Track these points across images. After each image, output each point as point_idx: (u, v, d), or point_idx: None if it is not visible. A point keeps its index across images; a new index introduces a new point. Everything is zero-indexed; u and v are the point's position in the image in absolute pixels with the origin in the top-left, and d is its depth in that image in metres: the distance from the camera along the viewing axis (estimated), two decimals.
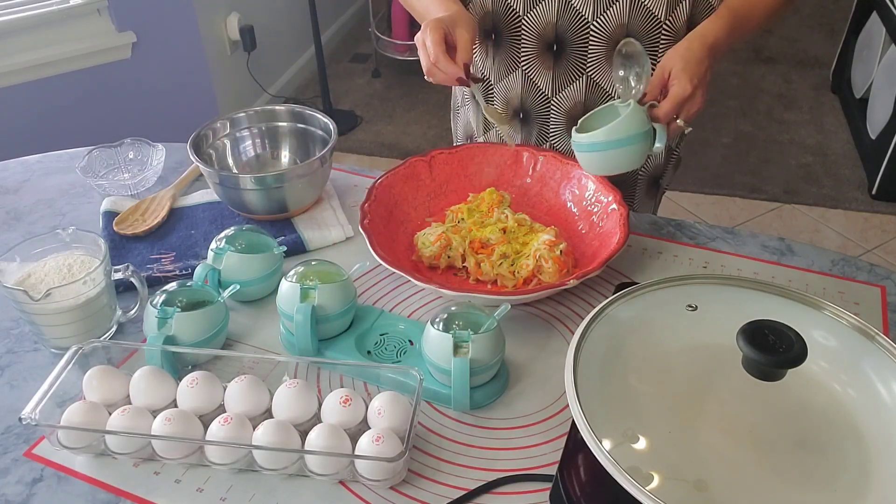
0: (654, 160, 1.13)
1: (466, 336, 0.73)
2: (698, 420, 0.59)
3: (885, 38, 2.62)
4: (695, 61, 0.89)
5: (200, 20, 2.48)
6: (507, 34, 1.03)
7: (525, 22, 1.01)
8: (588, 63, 1.02)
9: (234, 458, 0.68)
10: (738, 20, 0.93)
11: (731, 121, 2.96)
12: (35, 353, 0.84)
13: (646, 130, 0.89)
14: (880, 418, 0.57)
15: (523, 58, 1.04)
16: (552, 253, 0.86)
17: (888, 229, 2.41)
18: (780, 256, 0.95)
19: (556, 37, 1.01)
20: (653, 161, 1.13)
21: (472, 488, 0.68)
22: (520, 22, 1.01)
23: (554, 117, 1.09)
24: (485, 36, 1.05)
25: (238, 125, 1.09)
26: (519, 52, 1.04)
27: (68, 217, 1.06)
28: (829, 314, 0.65)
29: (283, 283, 0.81)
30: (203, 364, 0.80)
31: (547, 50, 1.03)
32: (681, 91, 0.88)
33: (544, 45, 1.02)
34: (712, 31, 0.91)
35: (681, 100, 0.88)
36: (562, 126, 1.09)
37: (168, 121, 2.44)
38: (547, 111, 1.09)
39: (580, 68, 1.03)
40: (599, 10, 0.97)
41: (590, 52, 1.01)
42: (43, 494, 0.68)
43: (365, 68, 3.38)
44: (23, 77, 2.18)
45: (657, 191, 1.19)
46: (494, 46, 1.06)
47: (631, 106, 0.88)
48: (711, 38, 0.91)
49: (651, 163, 1.13)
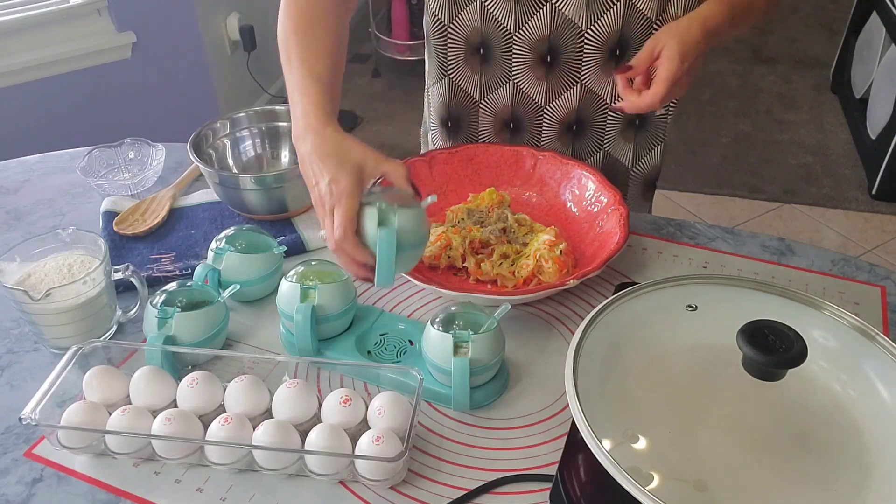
0: (651, 161, 1.12)
1: (466, 336, 0.73)
2: (698, 420, 0.59)
3: (885, 38, 2.62)
4: (692, 43, 0.83)
5: (200, 20, 2.47)
6: (497, 50, 0.99)
7: (516, 38, 0.97)
8: (583, 71, 0.99)
9: (234, 458, 0.68)
10: (739, 10, 0.89)
11: (731, 121, 2.95)
12: (35, 353, 0.84)
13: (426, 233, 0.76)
14: (880, 418, 0.57)
15: (515, 71, 1.01)
16: (552, 253, 0.86)
17: (888, 229, 2.41)
18: (780, 256, 0.95)
19: (550, 48, 0.98)
20: (648, 162, 1.13)
21: (472, 488, 0.68)
22: (510, 38, 0.97)
23: (546, 126, 1.06)
24: (472, 51, 1.01)
25: (238, 125, 1.09)
26: (510, 66, 1.00)
27: (68, 217, 1.06)
28: (829, 314, 0.65)
29: (283, 282, 0.81)
30: (203, 364, 0.80)
31: (540, 62, 0.99)
32: (673, 71, 0.82)
33: (537, 57, 0.99)
34: (714, 16, 0.86)
35: (674, 80, 0.82)
36: (554, 133, 1.06)
37: (168, 121, 2.44)
38: (539, 120, 1.06)
39: (574, 77, 1.00)
40: (593, 17, 0.94)
41: (584, 60, 0.98)
42: (43, 494, 0.68)
43: (365, 68, 3.38)
44: (23, 77, 2.18)
45: (653, 193, 1.18)
46: (482, 62, 1.01)
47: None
48: (712, 24, 0.85)
49: (647, 163, 1.12)
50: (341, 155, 0.72)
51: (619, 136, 1.07)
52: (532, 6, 0.94)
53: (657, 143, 1.11)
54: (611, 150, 1.09)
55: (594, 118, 1.05)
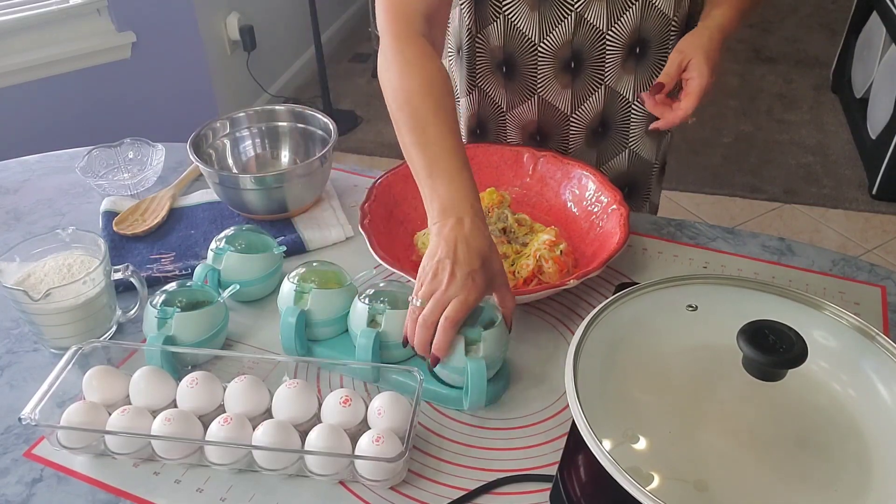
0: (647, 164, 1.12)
1: (477, 334, 0.72)
2: (698, 420, 0.59)
3: (885, 38, 2.62)
4: (715, 51, 0.88)
5: (200, 20, 2.48)
6: (521, 63, 0.99)
7: (541, 49, 0.97)
8: (606, 73, 1.00)
9: (234, 459, 0.68)
10: (747, 10, 0.93)
11: (731, 121, 2.95)
12: (35, 353, 0.84)
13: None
14: (880, 418, 0.57)
15: (540, 83, 1.01)
16: (552, 253, 0.86)
17: (888, 229, 2.41)
18: (780, 256, 0.95)
19: (573, 55, 0.98)
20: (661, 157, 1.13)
21: (472, 488, 0.68)
22: (535, 49, 0.97)
23: (574, 132, 1.06)
24: (495, 68, 1.01)
25: (238, 125, 1.09)
26: (536, 78, 1.00)
27: (68, 217, 1.06)
28: (829, 314, 0.65)
29: (284, 282, 0.81)
30: (203, 364, 0.80)
31: (564, 69, 0.99)
32: (704, 83, 0.88)
33: (561, 65, 0.99)
34: (729, 21, 0.91)
35: (705, 92, 0.88)
36: (581, 139, 1.06)
37: (168, 121, 2.44)
38: (566, 128, 1.05)
39: (598, 79, 1.00)
40: (613, 18, 0.94)
41: (606, 61, 0.98)
42: (43, 494, 0.68)
43: (365, 68, 3.38)
44: (23, 77, 2.18)
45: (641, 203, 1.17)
46: (506, 77, 1.02)
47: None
48: (729, 30, 0.91)
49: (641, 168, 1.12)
50: (487, 257, 0.72)
51: (644, 134, 1.08)
52: (558, 15, 0.94)
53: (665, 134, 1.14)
54: (636, 149, 1.09)
55: (618, 117, 1.06)
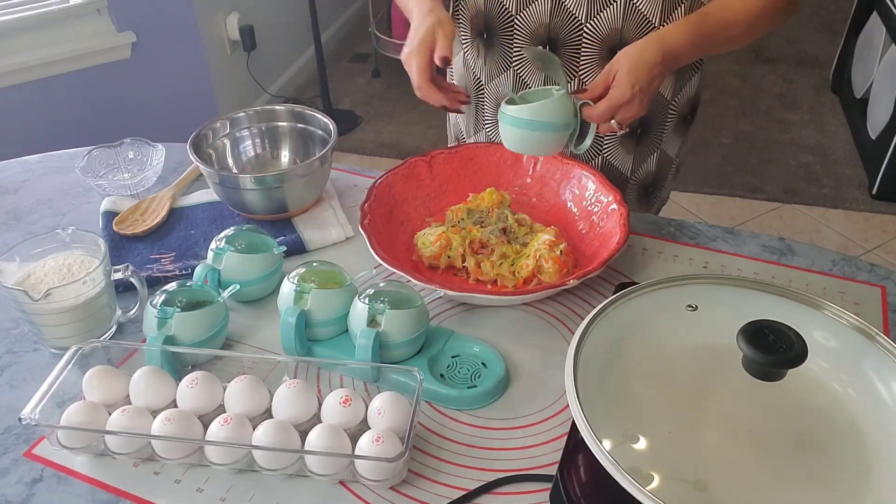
0: (647, 167, 1.12)
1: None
2: (698, 420, 0.59)
3: (885, 38, 2.62)
4: (645, 66, 0.85)
5: (200, 20, 2.48)
6: (499, 33, 1.02)
7: (518, 21, 0.99)
8: (581, 65, 1.00)
9: (234, 459, 0.68)
10: (708, 28, 0.89)
11: (731, 121, 2.96)
12: (35, 353, 0.84)
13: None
14: (880, 418, 0.57)
15: (515, 57, 1.03)
16: (552, 253, 0.86)
17: (888, 229, 2.41)
18: (780, 256, 0.95)
19: (549, 38, 0.99)
20: (644, 168, 1.12)
21: (472, 488, 0.68)
22: (512, 21, 1.00)
23: None
24: (477, 35, 1.05)
25: (238, 125, 1.09)
26: (511, 52, 1.03)
27: (68, 217, 1.06)
28: (829, 314, 0.65)
29: (284, 282, 0.81)
30: (203, 364, 0.80)
31: None
32: (618, 96, 0.85)
33: (536, 45, 1.00)
34: (673, 37, 0.87)
35: (617, 104, 0.86)
36: None
37: (168, 121, 2.44)
38: None
39: (572, 70, 1.01)
40: (593, 12, 0.95)
41: (583, 54, 0.99)
42: (43, 494, 0.68)
43: (365, 68, 3.38)
44: (23, 77, 2.18)
45: (648, 198, 1.17)
46: (486, 46, 1.05)
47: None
48: (670, 44, 0.87)
49: (642, 169, 1.12)
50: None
51: (618, 144, 1.08)
52: None
53: (654, 151, 1.11)
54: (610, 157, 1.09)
55: None
